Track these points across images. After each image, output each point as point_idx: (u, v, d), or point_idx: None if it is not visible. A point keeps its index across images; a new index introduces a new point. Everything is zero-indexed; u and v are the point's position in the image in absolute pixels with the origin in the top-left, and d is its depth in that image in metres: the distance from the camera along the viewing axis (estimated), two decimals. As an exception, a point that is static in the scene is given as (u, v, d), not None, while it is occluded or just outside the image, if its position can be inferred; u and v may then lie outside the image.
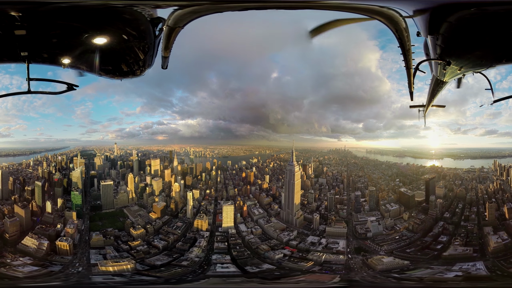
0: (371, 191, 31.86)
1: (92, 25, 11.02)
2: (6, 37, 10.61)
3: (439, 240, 26.77)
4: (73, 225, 31.29)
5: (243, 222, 34.73)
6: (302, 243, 28.89)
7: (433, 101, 18.30)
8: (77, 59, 11.83)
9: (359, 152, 41.20)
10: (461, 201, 28.61)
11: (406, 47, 13.13)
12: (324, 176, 37.80)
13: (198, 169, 45.78)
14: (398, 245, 27.29)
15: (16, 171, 38.00)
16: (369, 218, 29.83)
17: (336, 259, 25.61)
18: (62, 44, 11.35)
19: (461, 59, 12.10)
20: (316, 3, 14.31)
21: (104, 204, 37.89)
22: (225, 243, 30.61)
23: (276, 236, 30.80)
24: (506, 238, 24.83)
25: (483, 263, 23.52)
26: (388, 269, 24.25)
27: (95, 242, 30.27)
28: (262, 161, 45.81)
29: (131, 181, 43.76)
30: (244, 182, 42.82)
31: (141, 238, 32.59)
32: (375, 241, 27.92)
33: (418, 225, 27.79)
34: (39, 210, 33.36)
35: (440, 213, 27.85)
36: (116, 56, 11.96)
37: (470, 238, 26.00)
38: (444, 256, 25.16)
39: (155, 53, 12.81)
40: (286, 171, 35.24)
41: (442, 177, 30.05)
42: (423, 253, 26.20)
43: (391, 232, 28.51)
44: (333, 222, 30.45)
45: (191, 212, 36.92)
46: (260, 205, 37.57)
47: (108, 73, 12.84)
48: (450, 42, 11.46)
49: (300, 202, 34.47)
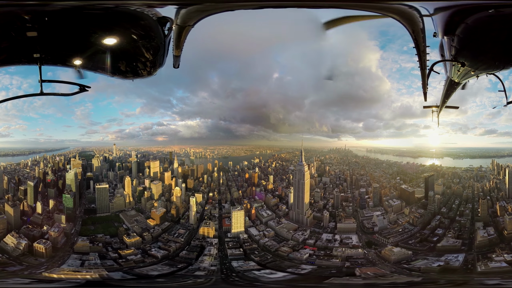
0: (375, 188, 34.84)
1: (103, 26, 11.47)
2: (19, 39, 11.05)
3: (436, 232, 30.11)
4: (58, 228, 31.16)
5: (253, 225, 35.02)
6: (318, 241, 30.85)
7: (446, 101, 19.03)
8: (89, 60, 12.18)
9: (359, 151, 43.63)
10: (457, 198, 32.02)
11: (421, 48, 13.29)
12: (327, 175, 40.26)
13: (200, 171, 46.11)
14: (402, 237, 30.52)
15: (14, 171, 38.46)
16: (374, 213, 32.76)
17: (356, 253, 28.12)
18: (74, 45, 11.72)
19: (475, 60, 12.44)
20: (331, 2, 14.46)
21: (99, 207, 37.39)
22: (240, 249, 30.69)
23: (291, 236, 32.20)
24: (493, 233, 28.05)
25: (464, 256, 26.64)
26: (398, 260, 27.33)
27: (79, 248, 29.80)
28: (264, 161, 47.00)
29: (128, 184, 43.23)
30: (248, 183, 43.51)
31: (136, 246, 31.68)
32: (382, 234, 30.96)
33: (417, 218, 31.36)
34: (30, 210, 33.77)
35: (438, 208, 31.42)
36: (128, 56, 12.29)
37: (462, 232, 29.27)
38: (437, 248, 28.33)
39: (166, 53, 13.12)
40: (296, 170, 36.96)
41: (441, 175, 33.46)
42: (421, 245, 29.37)
43: (394, 226, 31.85)
44: (342, 218, 33.12)
45: (195, 218, 36.71)
46: (267, 206, 38.39)
47: (120, 74, 13.05)
48: (466, 43, 11.75)
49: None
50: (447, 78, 16.14)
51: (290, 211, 36.47)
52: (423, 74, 14.17)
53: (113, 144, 45.08)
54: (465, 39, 11.58)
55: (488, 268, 24.65)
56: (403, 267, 26.63)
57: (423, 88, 15.15)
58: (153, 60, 12.62)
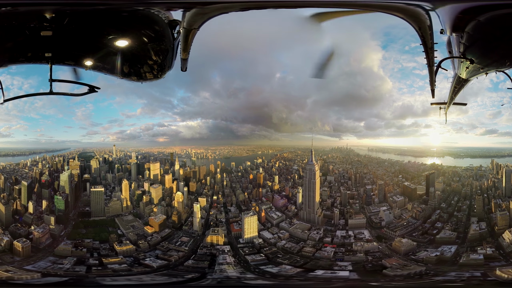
0: (380, 185, 37.63)
1: (114, 27, 12.00)
2: (33, 37, 11.46)
3: (435, 226, 33.31)
4: (43, 229, 31.53)
5: (264, 228, 35.32)
6: (335, 238, 32.83)
7: (454, 98, 19.34)
8: (100, 62, 12.61)
9: (361, 150, 45.80)
10: (456, 195, 35.17)
11: (429, 45, 13.37)
12: (332, 174, 42.58)
13: (202, 173, 46.18)
14: (407, 230, 33.57)
15: (13, 171, 39.34)
16: (381, 208, 35.49)
17: (372, 247, 30.61)
18: (86, 46, 12.19)
19: (485, 57, 12.69)
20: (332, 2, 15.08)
21: (94, 211, 37.04)
22: (261, 255, 30.66)
23: (307, 236, 33.66)
24: (484, 227, 30.94)
25: (455, 247, 29.31)
26: (407, 251, 30.18)
27: (60, 251, 29.83)
28: (266, 161, 48.04)
29: (125, 188, 42.50)
30: (253, 184, 44.14)
31: (127, 254, 30.83)
32: (389, 228, 33.81)
33: (419, 213, 34.84)
34: (23, 209, 34.57)
35: (438, 203, 34.66)
36: (137, 59, 12.77)
37: (458, 226, 32.36)
38: (436, 239, 31.40)
39: (174, 56, 13.72)
40: (306, 170, 38.41)
41: (441, 174, 36.64)
42: (422, 237, 32.39)
43: (399, 220, 35.05)
44: (352, 214, 35.67)
45: (199, 224, 36.26)
46: (275, 207, 39.18)
47: (129, 76, 13.49)
48: (476, 40, 11.95)
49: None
50: (455, 75, 16.61)
51: (301, 211, 37.82)
52: (430, 71, 14.35)
53: (113, 145, 44.83)
54: (475, 36, 11.87)
55: (467, 260, 27.53)
56: (411, 258, 29.81)
57: (431, 85, 15.24)
58: (163, 63, 13.08)
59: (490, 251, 28.10)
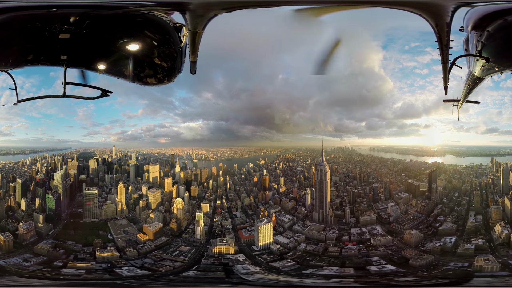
0: (386, 183, 39.92)
1: (128, 32, 12.30)
2: (50, 40, 11.76)
3: (438, 219, 36.11)
4: (28, 226, 32.70)
5: (276, 233, 35.15)
6: (351, 235, 34.27)
7: (467, 96, 19.50)
8: (112, 65, 12.84)
9: (363, 150, 47.73)
10: (457, 191, 37.99)
11: (444, 42, 13.37)
12: (336, 174, 44.39)
13: (204, 175, 45.60)
14: (413, 224, 36.20)
15: (12, 169, 40.24)
16: (389, 204, 37.77)
17: (387, 241, 32.56)
18: (100, 49, 12.44)
19: (502, 57, 12.70)
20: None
21: (86, 213, 36.94)
22: (289, 260, 30.45)
23: (324, 236, 34.62)
24: (480, 220, 33.89)
25: (455, 238, 31.97)
26: (417, 242, 32.59)
27: (39, 249, 30.41)
28: (269, 162, 48.57)
29: (121, 191, 41.12)
30: (257, 187, 44.24)
31: (108, 261, 29.84)
32: (398, 223, 36.15)
33: (423, 207, 37.86)
34: (16, 206, 35.96)
35: (440, 198, 37.62)
36: (149, 63, 12.97)
37: (458, 219, 35.28)
38: (439, 231, 34.20)
39: (183, 59, 13.95)
40: (317, 171, 39.49)
41: (443, 172, 39.25)
42: (427, 230, 34.96)
43: (405, 215, 37.72)
44: (363, 212, 37.53)
45: (202, 232, 35.27)
46: (284, 210, 39.65)
47: (141, 80, 13.61)
48: (496, 39, 11.97)
49: (326, 200, 39.16)
50: (469, 73, 16.81)
51: (312, 212, 38.69)
52: (444, 68, 14.39)
53: (113, 145, 44.57)
54: (497, 35, 11.92)
55: (460, 250, 30.28)
56: (420, 249, 32.37)
57: (444, 82, 15.35)
58: (173, 66, 13.33)
59: (481, 242, 31.16)
